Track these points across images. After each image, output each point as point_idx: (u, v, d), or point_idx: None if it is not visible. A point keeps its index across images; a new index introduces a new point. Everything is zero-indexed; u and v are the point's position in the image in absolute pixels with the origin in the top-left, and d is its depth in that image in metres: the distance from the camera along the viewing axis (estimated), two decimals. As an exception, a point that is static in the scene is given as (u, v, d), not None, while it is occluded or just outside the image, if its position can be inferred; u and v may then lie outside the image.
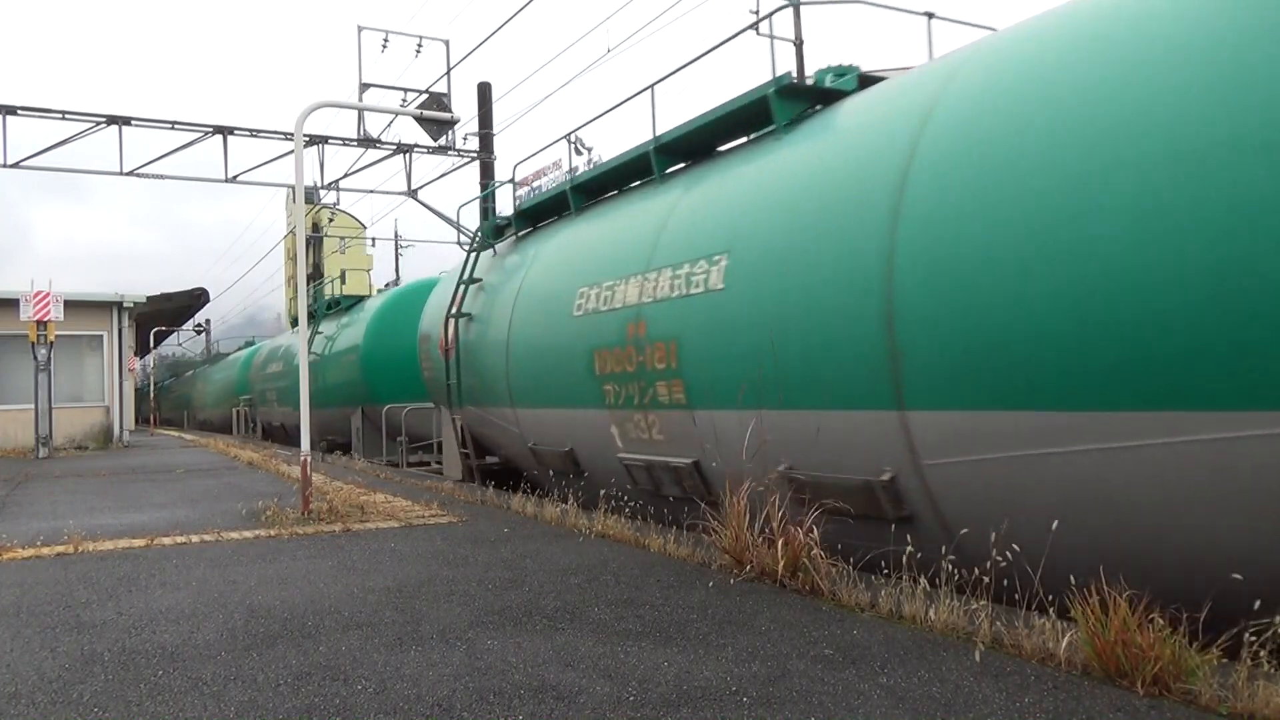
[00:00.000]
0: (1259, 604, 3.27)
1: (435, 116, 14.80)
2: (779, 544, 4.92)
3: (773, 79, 6.75)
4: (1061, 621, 3.60)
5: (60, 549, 6.59)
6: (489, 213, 24.70)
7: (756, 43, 7.12)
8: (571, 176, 9.67)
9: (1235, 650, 3.22)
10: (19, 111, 17.76)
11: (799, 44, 7.06)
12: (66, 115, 18.12)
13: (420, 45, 19.76)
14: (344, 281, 24.16)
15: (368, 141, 20.02)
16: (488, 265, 11.29)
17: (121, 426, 21.35)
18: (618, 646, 3.87)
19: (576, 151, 10.05)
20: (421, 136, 20.16)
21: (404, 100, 19.33)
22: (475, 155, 21.79)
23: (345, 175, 21.24)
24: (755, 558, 5.07)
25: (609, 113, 9.26)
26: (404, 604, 4.71)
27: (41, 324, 17.37)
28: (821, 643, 3.84)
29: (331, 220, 42.36)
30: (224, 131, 19.25)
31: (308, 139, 19.43)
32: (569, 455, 8.72)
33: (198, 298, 34.99)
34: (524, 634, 4.09)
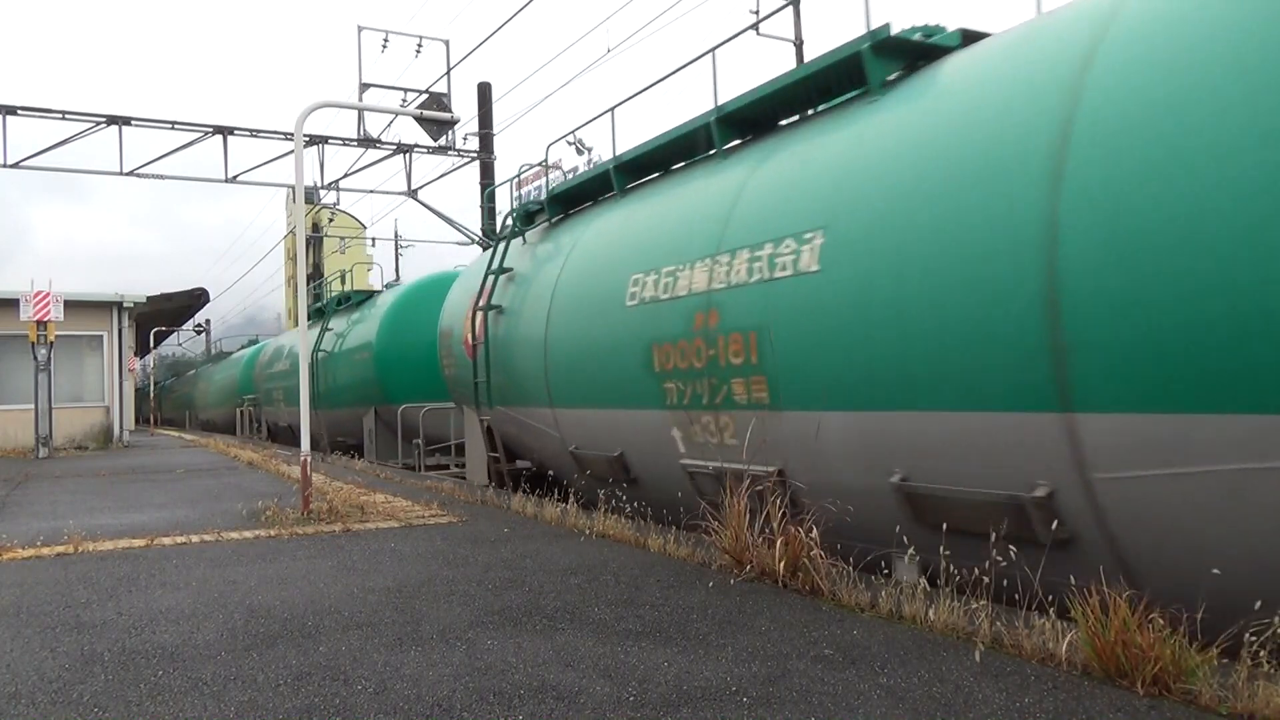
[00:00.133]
0: (1259, 604, 3.27)
1: (435, 116, 14.81)
2: (779, 544, 4.92)
3: (867, 33, 5.95)
4: (1061, 621, 3.60)
5: (60, 549, 6.59)
6: (493, 214, 24.70)
7: (756, 43, 7.07)
8: (615, 156, 8.87)
9: (1235, 650, 3.22)
10: (19, 111, 17.78)
11: (799, 44, 7.07)
12: (66, 115, 18.14)
13: (420, 45, 19.78)
14: (348, 277, 23.57)
15: (368, 141, 20.04)
16: (518, 254, 10.35)
17: (121, 426, 21.36)
18: (618, 646, 3.87)
19: (577, 151, 10.02)
20: (421, 136, 20.19)
21: (404, 100, 19.35)
22: (475, 155, 21.80)
23: (345, 175, 21.28)
24: (755, 558, 5.07)
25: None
26: (404, 604, 4.71)
27: (41, 324, 17.37)
28: (821, 643, 3.84)
29: (331, 220, 42.42)
30: (224, 131, 19.27)
31: (308, 139, 19.44)
32: (618, 461, 7.97)
33: (198, 298, 34.99)
34: (524, 634, 4.09)
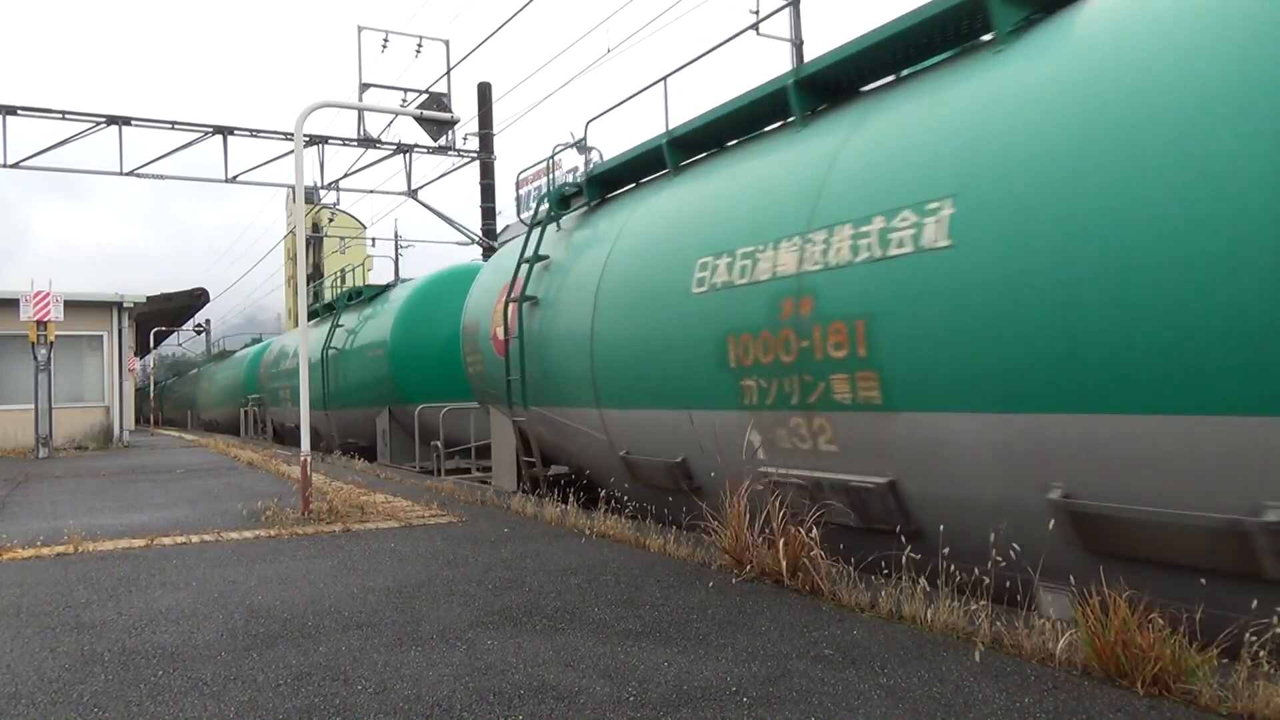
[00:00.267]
0: (1255, 603, 3.27)
1: (435, 116, 14.81)
2: (779, 544, 4.92)
3: None
4: (1061, 622, 3.61)
5: (60, 549, 6.59)
6: (493, 214, 24.63)
7: (756, 43, 7.05)
8: (667, 130, 8.12)
9: (1235, 650, 3.22)
10: (19, 111, 17.79)
11: (799, 44, 7.07)
12: (66, 115, 18.15)
13: (420, 45, 19.78)
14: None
15: (368, 141, 20.05)
16: (554, 241, 9.62)
17: (121, 427, 21.37)
18: (618, 646, 3.87)
19: (579, 151, 9.93)
20: (421, 136, 20.21)
21: (404, 100, 19.35)
22: (475, 155, 21.81)
23: (345, 175, 21.29)
24: (755, 558, 5.07)
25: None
26: (404, 604, 4.72)
27: (41, 324, 17.37)
28: (821, 643, 3.84)
29: (331, 220, 42.42)
30: (224, 131, 19.28)
31: (308, 139, 19.44)
32: (679, 468, 7.17)
33: (198, 298, 34.98)
34: (524, 634, 4.10)
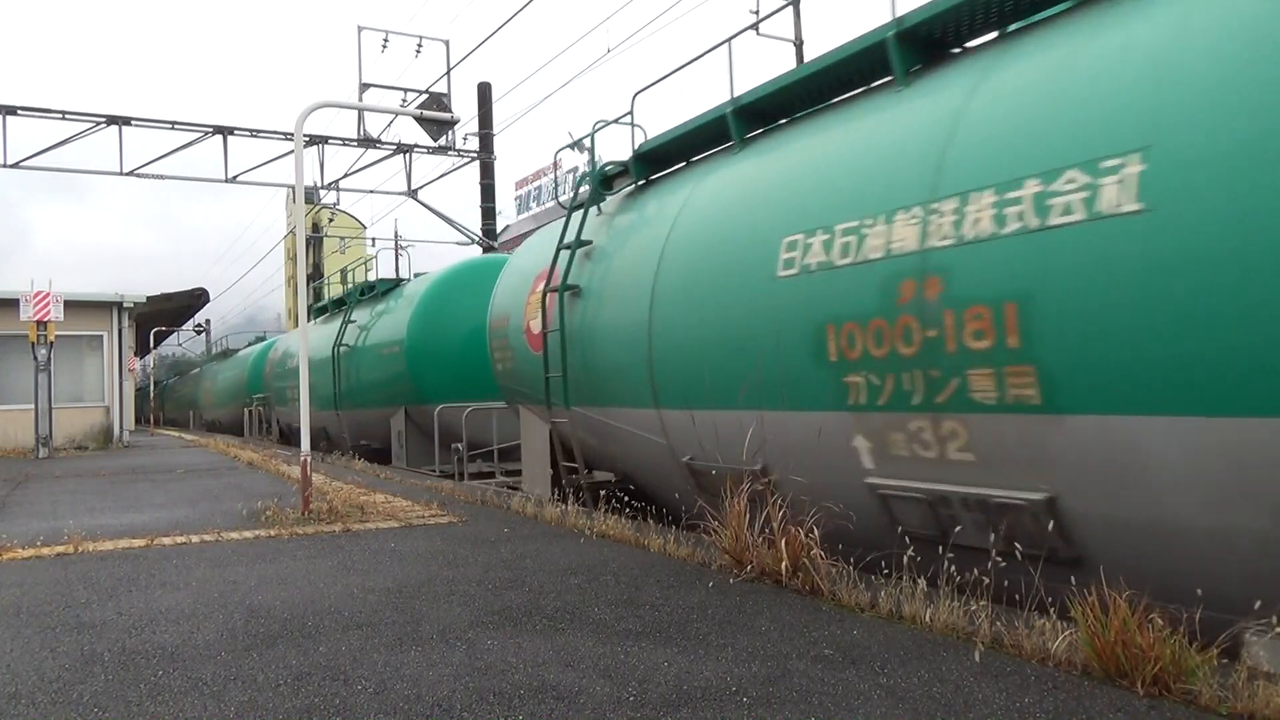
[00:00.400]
0: (1259, 604, 3.27)
1: (435, 117, 14.81)
2: (779, 544, 4.92)
3: None
4: (1061, 622, 3.61)
5: (60, 549, 6.59)
6: (493, 213, 24.57)
7: (757, 43, 7.01)
8: (733, 98, 7.19)
9: (1235, 650, 3.22)
10: (19, 111, 17.81)
11: (799, 44, 7.06)
12: (66, 115, 18.17)
13: (420, 45, 19.79)
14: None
15: (368, 141, 20.06)
16: (596, 226, 8.88)
17: (121, 427, 21.37)
18: (618, 646, 3.87)
19: (578, 150, 9.80)
20: (421, 136, 20.23)
21: (404, 100, 19.36)
22: (475, 155, 21.82)
23: (345, 175, 21.32)
24: (755, 558, 5.07)
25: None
26: (404, 604, 4.71)
27: (41, 324, 17.37)
28: (821, 643, 3.84)
29: (331, 220, 42.44)
30: (224, 131, 19.29)
31: (308, 139, 19.45)
32: (758, 477, 6.20)
33: (198, 298, 35.00)
34: (524, 634, 4.09)
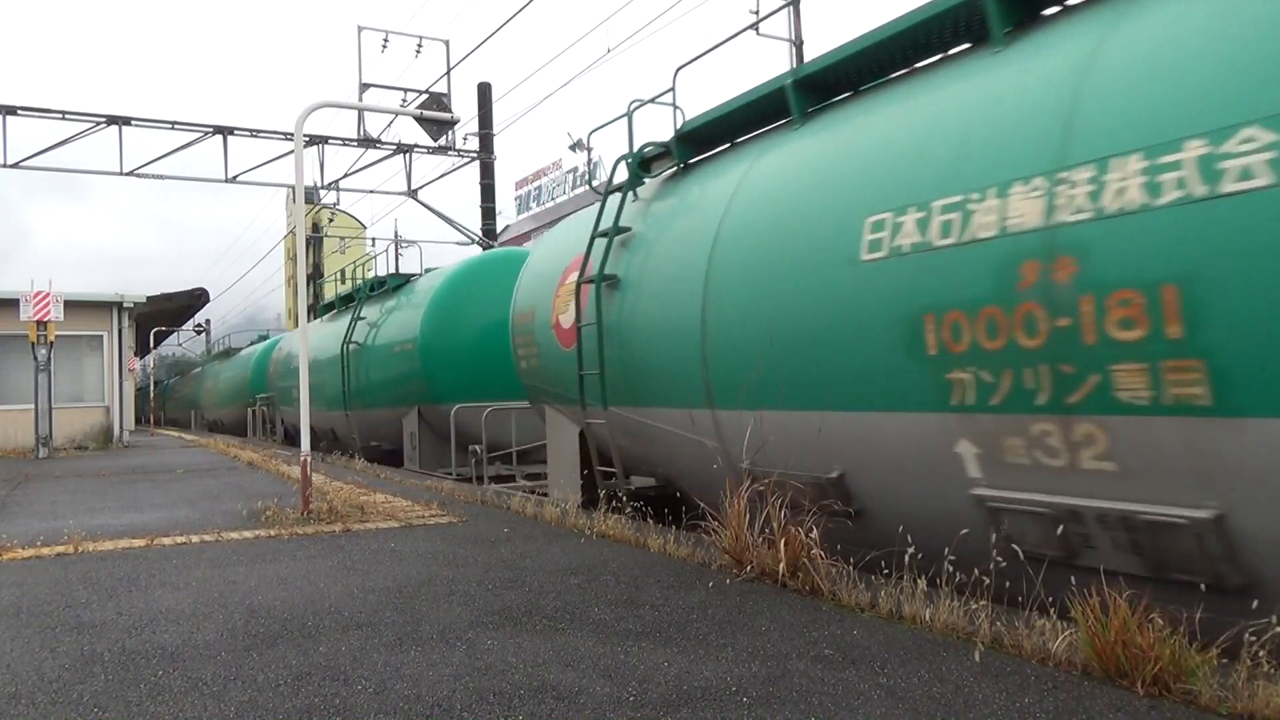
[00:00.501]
0: (1256, 604, 3.27)
1: (435, 117, 14.81)
2: (779, 544, 4.92)
3: None
4: (1061, 622, 3.61)
5: (60, 549, 6.59)
6: (493, 213, 24.55)
7: (758, 42, 6.98)
8: (793, 69, 6.60)
9: (1235, 650, 3.22)
10: (19, 111, 17.81)
11: (799, 44, 7.06)
12: (66, 115, 18.17)
13: (420, 45, 19.79)
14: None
15: (368, 141, 20.06)
16: (633, 213, 8.27)
17: (121, 427, 21.38)
18: (618, 646, 3.87)
19: (576, 150, 9.81)
20: (421, 136, 20.23)
21: (404, 100, 19.36)
22: (475, 155, 21.82)
23: (345, 175, 21.32)
24: (755, 558, 5.07)
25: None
26: (404, 604, 4.72)
27: (41, 324, 17.38)
28: (821, 643, 3.84)
29: (331, 220, 42.47)
30: (224, 131, 19.29)
31: (308, 139, 19.45)
32: (835, 485, 5.58)
33: (198, 298, 35.00)
34: (524, 634, 4.10)
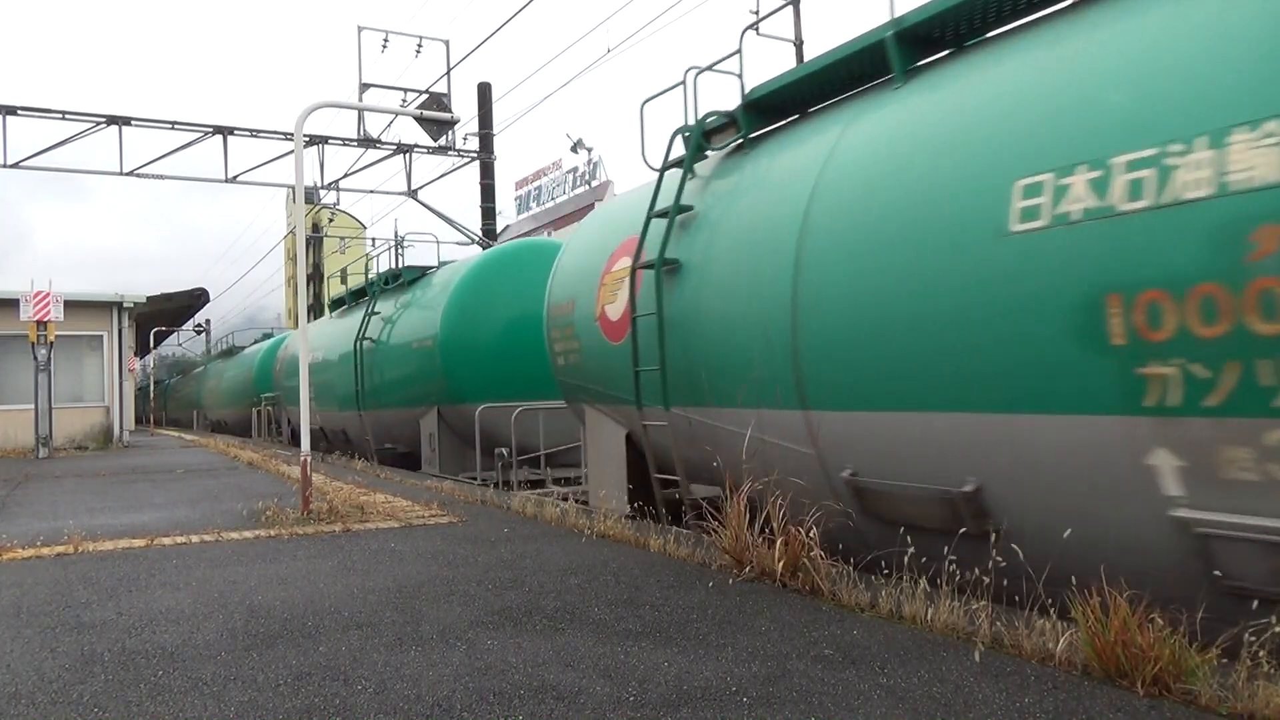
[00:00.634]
0: (1256, 604, 3.27)
1: (435, 117, 14.81)
2: (779, 544, 4.93)
3: None
4: (1061, 622, 3.61)
5: (60, 549, 6.59)
6: (492, 213, 24.53)
7: (757, 42, 6.94)
8: (893, 19, 5.68)
9: (1235, 650, 3.22)
10: (19, 111, 17.80)
11: (799, 44, 7.07)
12: (66, 115, 18.16)
13: (420, 45, 19.78)
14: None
15: (368, 141, 20.05)
16: (697, 190, 7.43)
17: (121, 427, 21.38)
18: (618, 646, 3.87)
19: (574, 150, 9.81)
20: (421, 136, 20.21)
21: (404, 100, 19.35)
22: (475, 155, 21.81)
23: (345, 175, 21.30)
24: (755, 558, 5.07)
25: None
26: (404, 604, 4.72)
27: (41, 324, 17.38)
28: (821, 643, 3.84)
29: (331, 220, 42.51)
30: (224, 131, 19.28)
31: (308, 139, 19.45)
32: (967, 501, 4.64)
33: (198, 298, 35.00)
34: (524, 634, 4.10)
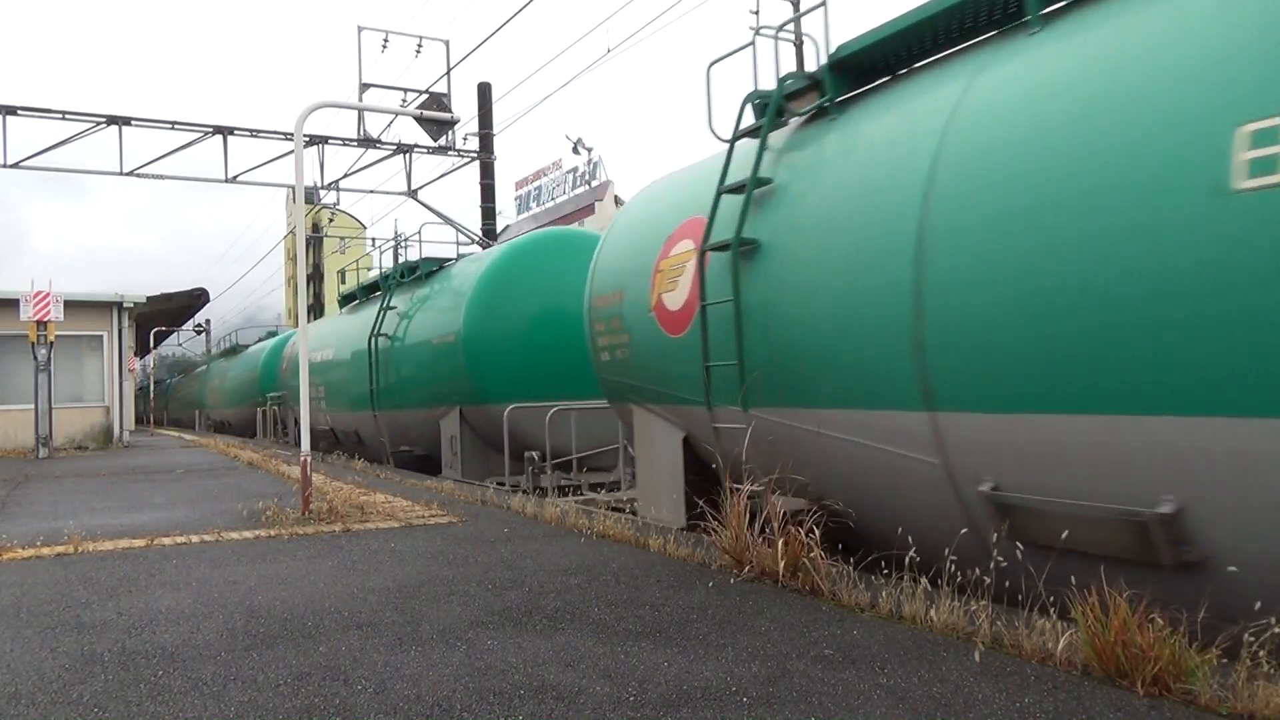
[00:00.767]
0: (1259, 604, 3.27)
1: (435, 117, 14.81)
2: (779, 544, 4.93)
3: None
4: (1061, 621, 3.61)
5: (60, 549, 6.59)
6: (493, 213, 24.53)
7: (764, 42, 6.86)
8: None
9: (1235, 650, 3.22)
10: (19, 111, 17.79)
11: (799, 44, 7.06)
12: (66, 115, 18.15)
13: (420, 45, 19.78)
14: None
15: (368, 141, 20.04)
16: (772, 162, 6.61)
17: (121, 427, 21.38)
18: (618, 646, 3.87)
19: (575, 151, 9.79)
20: (421, 136, 20.20)
21: (404, 100, 19.34)
22: (475, 155, 21.81)
23: (345, 175, 21.29)
24: (755, 558, 5.07)
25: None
26: (404, 604, 4.71)
27: (41, 324, 17.38)
28: (821, 643, 3.84)
29: (332, 220, 42.53)
30: (224, 131, 19.28)
31: (308, 139, 19.45)
32: (1162, 526, 3.83)
33: (198, 298, 35.01)
34: (524, 634, 4.10)
